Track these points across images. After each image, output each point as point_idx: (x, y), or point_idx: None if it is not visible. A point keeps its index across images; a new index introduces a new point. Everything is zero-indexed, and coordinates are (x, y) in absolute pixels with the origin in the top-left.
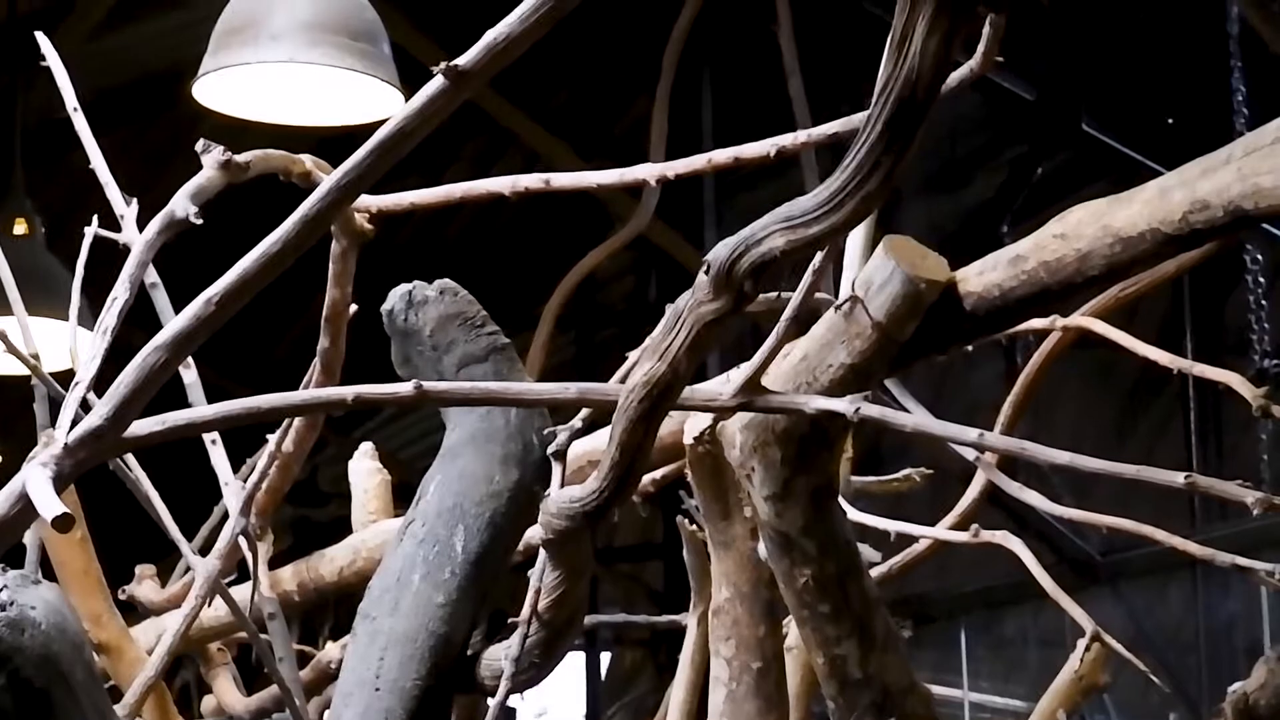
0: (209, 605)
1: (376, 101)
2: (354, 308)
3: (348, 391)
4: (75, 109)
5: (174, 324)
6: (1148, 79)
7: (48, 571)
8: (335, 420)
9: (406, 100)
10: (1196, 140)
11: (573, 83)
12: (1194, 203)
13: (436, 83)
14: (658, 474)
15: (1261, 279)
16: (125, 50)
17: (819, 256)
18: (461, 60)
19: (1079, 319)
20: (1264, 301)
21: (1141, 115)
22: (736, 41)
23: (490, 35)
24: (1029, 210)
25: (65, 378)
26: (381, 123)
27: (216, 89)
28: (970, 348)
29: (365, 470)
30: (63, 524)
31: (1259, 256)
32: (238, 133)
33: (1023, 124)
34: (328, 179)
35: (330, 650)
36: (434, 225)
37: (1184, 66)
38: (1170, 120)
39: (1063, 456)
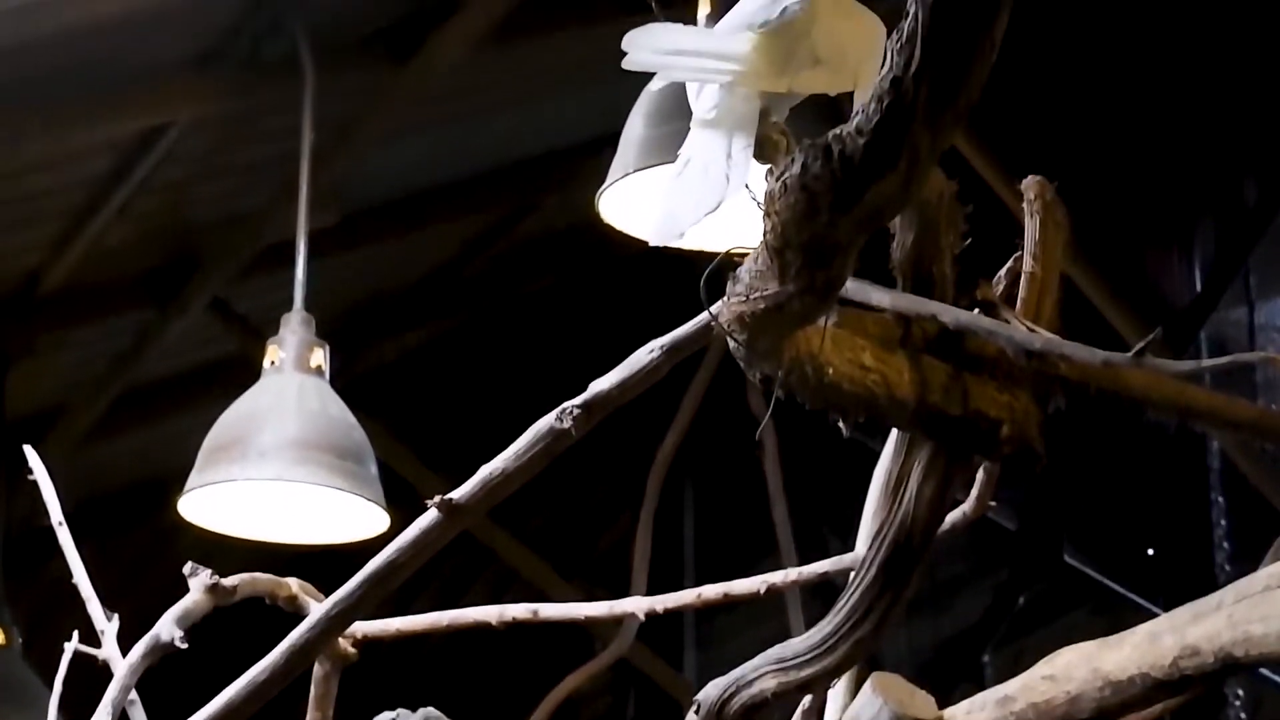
0: None
1: (362, 520)
2: None
3: None
4: (60, 523)
5: None
6: (1129, 511)
7: None
8: None
9: (390, 519)
10: (1177, 572)
11: (551, 505)
12: (1184, 648)
13: (430, 516)
14: None
15: (1243, 715)
16: (110, 460)
17: (809, 697)
18: (456, 494)
19: None
20: None
21: (1122, 546)
22: (719, 457)
23: (485, 471)
24: (1010, 637)
25: None
26: (366, 542)
27: (202, 504)
28: None
29: None
30: None
31: (1239, 692)
32: (218, 542)
33: (1004, 552)
34: (318, 608)
35: None
36: (416, 638)
37: (1165, 499)
38: (1150, 551)
39: None
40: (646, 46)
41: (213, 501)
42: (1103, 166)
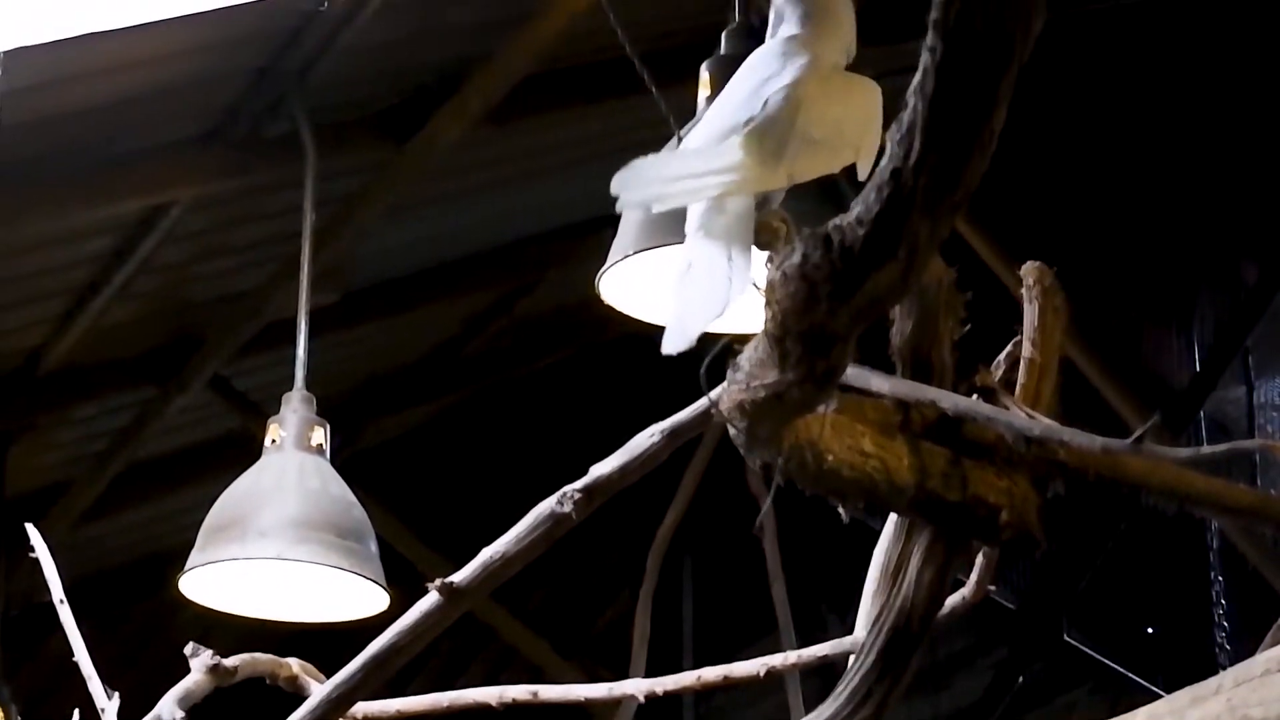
0: None
1: (362, 599)
2: None
3: None
4: (61, 601)
5: None
6: (1129, 590)
7: None
8: None
9: (390, 597)
10: (1177, 651)
11: (551, 582)
12: None
13: (431, 599)
14: None
15: None
16: (111, 536)
17: None
18: (456, 578)
19: None
20: None
21: (1122, 625)
22: (719, 535)
23: (485, 554)
24: (1010, 716)
25: None
26: (367, 621)
27: (203, 583)
28: None
29: None
30: None
31: None
32: (217, 619)
33: (1004, 630)
34: (319, 690)
35: None
36: (415, 718)
37: (1165, 579)
38: (1150, 630)
39: None
40: (636, 184)
41: (213, 580)
42: (1103, 248)
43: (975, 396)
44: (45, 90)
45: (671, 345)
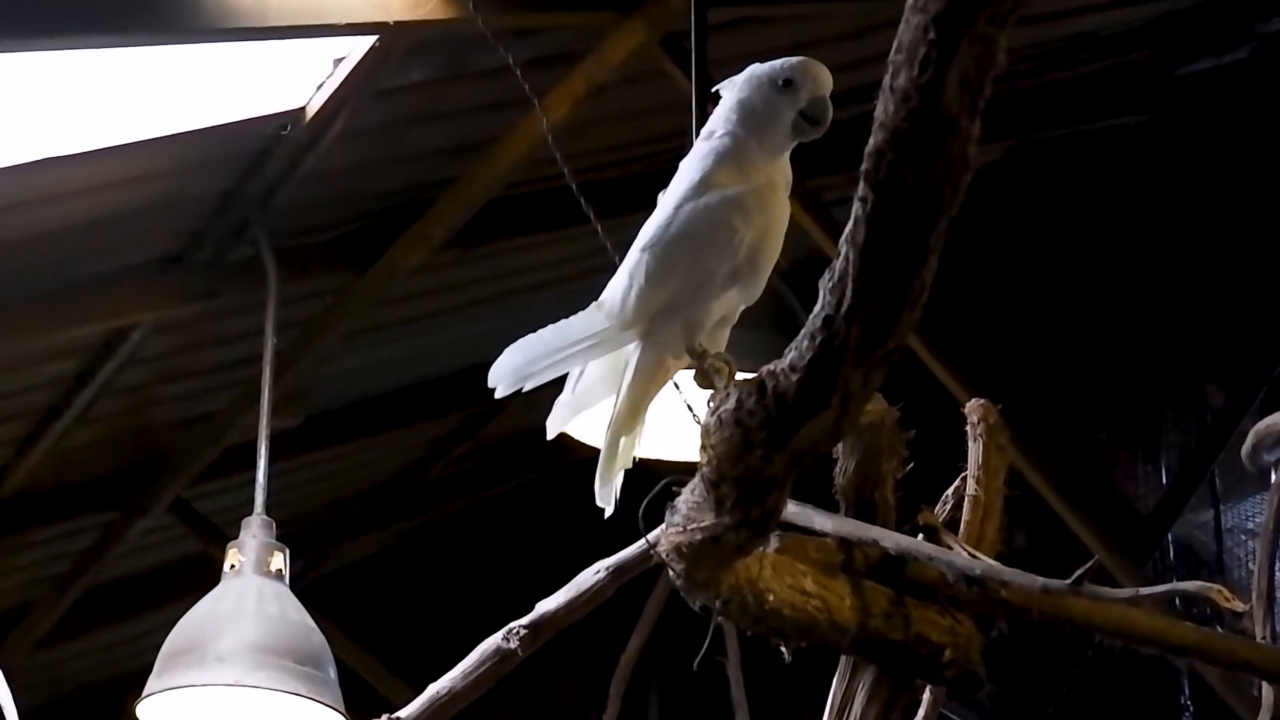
0: None
1: None
2: None
3: None
4: None
5: None
6: (1097, 712)
7: None
8: None
9: None
10: None
11: (516, 704)
12: None
13: None
14: None
15: None
16: (70, 660)
17: None
18: (403, 714)
19: None
20: None
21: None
22: (685, 660)
23: (432, 690)
24: None
25: None
26: None
27: (160, 709)
28: None
29: None
30: None
31: None
32: None
33: None
34: None
35: None
36: None
37: (1134, 700)
38: None
39: None
40: (506, 371)
41: (171, 706)
42: (1068, 373)
43: (919, 535)
44: (7, 213)
45: (601, 501)
